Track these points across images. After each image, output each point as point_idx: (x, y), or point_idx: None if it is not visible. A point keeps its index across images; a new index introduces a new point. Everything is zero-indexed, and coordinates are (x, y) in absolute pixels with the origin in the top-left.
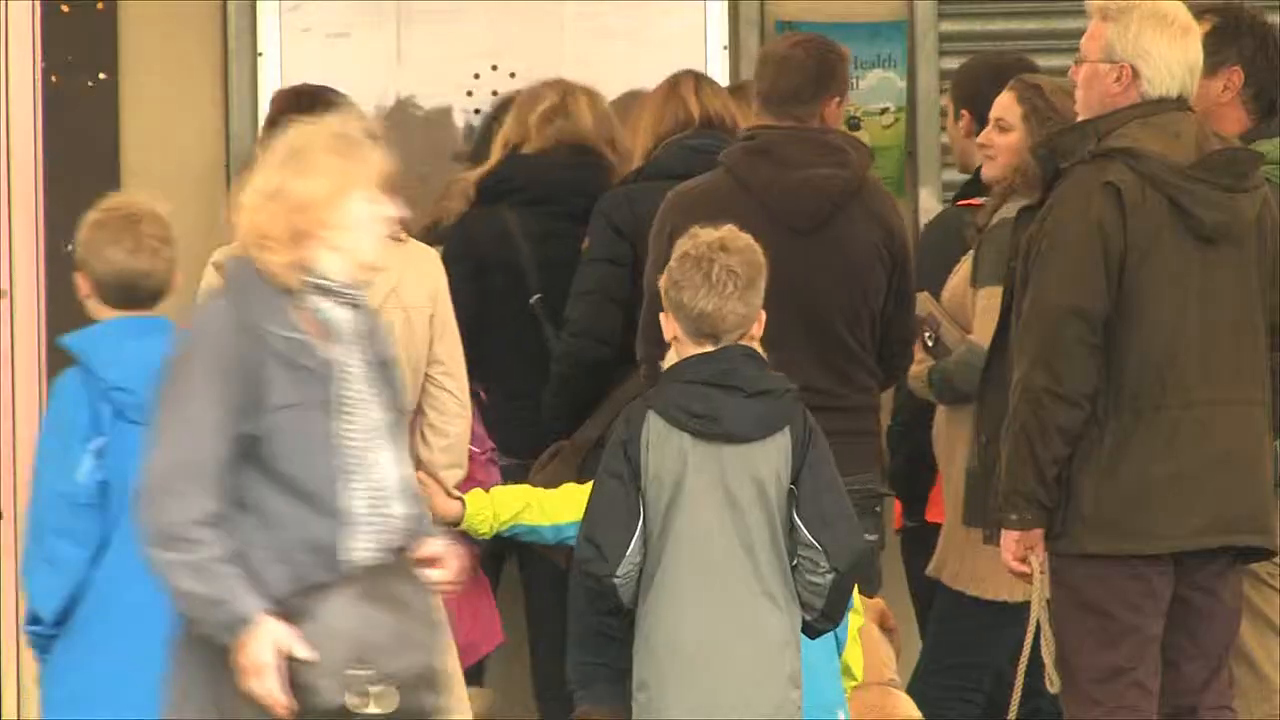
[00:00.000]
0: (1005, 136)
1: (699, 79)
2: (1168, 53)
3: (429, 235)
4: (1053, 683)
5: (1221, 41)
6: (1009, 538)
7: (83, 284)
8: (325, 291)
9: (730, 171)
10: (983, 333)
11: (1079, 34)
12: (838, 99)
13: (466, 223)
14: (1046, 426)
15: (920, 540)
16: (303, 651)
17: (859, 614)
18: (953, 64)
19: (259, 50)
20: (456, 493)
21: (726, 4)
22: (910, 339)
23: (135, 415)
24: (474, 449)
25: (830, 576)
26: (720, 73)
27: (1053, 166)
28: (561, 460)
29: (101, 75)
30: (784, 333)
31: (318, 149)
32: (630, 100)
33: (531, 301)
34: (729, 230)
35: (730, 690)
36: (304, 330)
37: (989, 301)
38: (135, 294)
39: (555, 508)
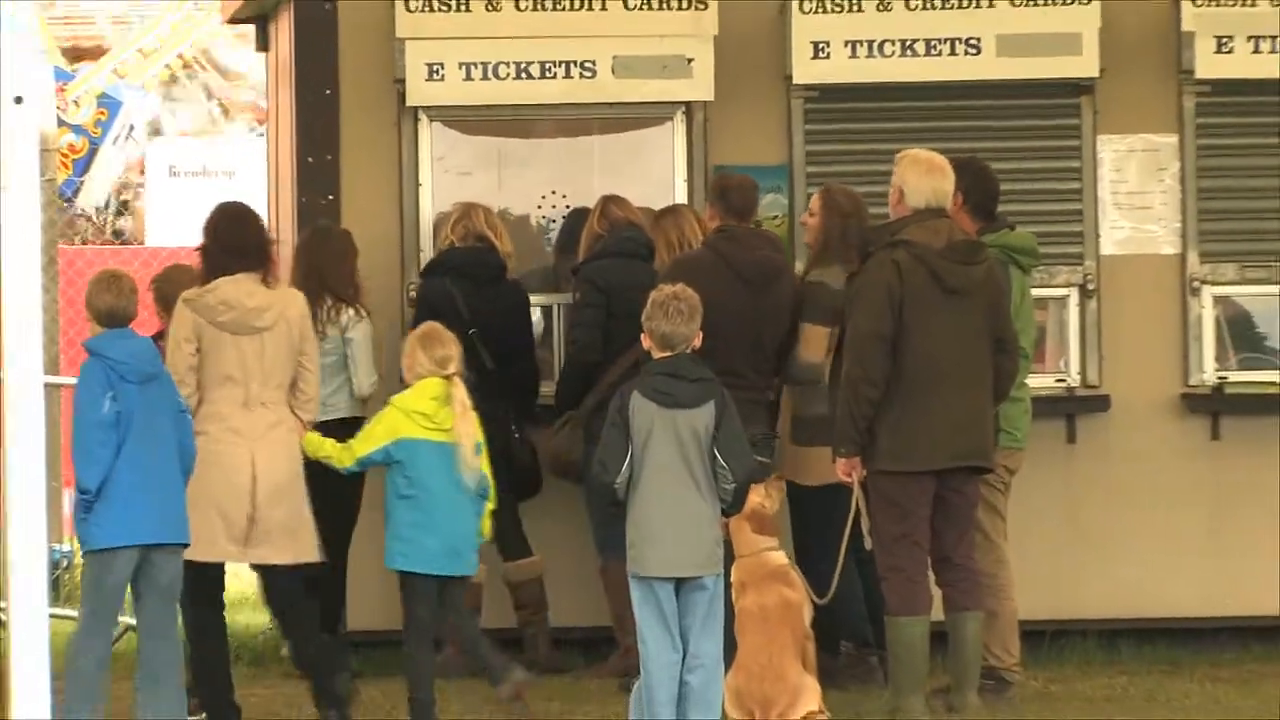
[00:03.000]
0: (813, 219)
1: (618, 200)
2: (916, 182)
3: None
4: (868, 543)
5: (956, 176)
6: (840, 463)
7: (88, 314)
8: None
9: (713, 250)
10: (808, 350)
11: (889, 173)
12: None
13: (422, 290)
14: (860, 399)
15: None
16: None
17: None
18: (814, 190)
19: (419, 182)
20: (309, 431)
21: (685, 154)
22: (791, 348)
23: (132, 377)
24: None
25: (733, 485)
26: (681, 195)
27: (864, 250)
28: (572, 425)
29: (330, 197)
30: (736, 345)
31: None
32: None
33: (470, 334)
34: (680, 286)
35: (680, 547)
36: None
37: (810, 332)
38: (117, 319)
39: (344, 455)
